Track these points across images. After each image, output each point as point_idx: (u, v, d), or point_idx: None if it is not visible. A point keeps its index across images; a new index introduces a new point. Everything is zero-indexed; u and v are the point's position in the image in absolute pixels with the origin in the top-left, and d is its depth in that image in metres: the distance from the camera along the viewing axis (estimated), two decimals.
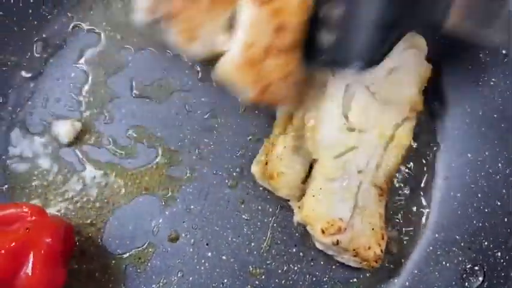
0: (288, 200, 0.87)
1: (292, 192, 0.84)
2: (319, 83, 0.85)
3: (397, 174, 0.92)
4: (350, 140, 0.83)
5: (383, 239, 0.81)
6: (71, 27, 0.96)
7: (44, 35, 0.96)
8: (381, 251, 0.81)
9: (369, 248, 0.80)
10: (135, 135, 0.92)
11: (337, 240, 0.79)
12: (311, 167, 0.84)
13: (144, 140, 0.92)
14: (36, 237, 0.73)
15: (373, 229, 0.81)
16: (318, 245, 0.85)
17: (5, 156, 0.90)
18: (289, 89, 0.80)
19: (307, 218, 0.81)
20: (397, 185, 0.92)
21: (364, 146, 0.83)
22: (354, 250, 0.80)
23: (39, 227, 0.75)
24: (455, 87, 0.92)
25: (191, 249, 0.88)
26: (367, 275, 0.88)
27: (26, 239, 0.73)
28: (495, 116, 0.85)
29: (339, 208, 0.80)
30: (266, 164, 0.84)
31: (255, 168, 0.86)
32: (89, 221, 0.88)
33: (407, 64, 0.88)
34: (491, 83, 0.85)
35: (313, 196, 0.81)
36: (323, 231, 0.79)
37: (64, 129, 0.90)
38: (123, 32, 0.96)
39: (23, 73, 0.94)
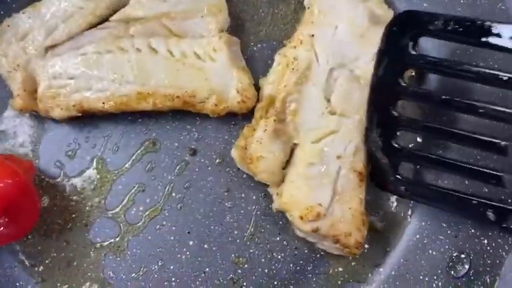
0: (268, 186, 0.85)
1: (272, 177, 0.82)
2: (302, 66, 0.83)
3: None
4: (330, 124, 0.82)
5: (364, 224, 0.80)
6: None
7: None
8: (362, 237, 0.79)
9: (350, 234, 0.78)
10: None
11: (317, 227, 0.77)
12: (292, 153, 0.83)
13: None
14: None
15: (353, 215, 0.79)
16: (298, 233, 0.83)
17: None
18: None
19: (285, 204, 0.79)
20: None
21: (344, 130, 0.82)
22: (334, 237, 0.78)
23: None
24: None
25: (172, 238, 0.86)
26: (353, 264, 0.86)
27: None
28: None
29: (318, 194, 0.78)
30: (246, 148, 0.82)
31: (234, 153, 0.84)
32: (71, 209, 0.87)
33: None
34: None
35: (292, 182, 0.80)
36: (302, 218, 0.77)
37: None
38: None
39: None
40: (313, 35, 0.86)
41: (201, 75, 0.84)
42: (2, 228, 0.75)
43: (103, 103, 0.84)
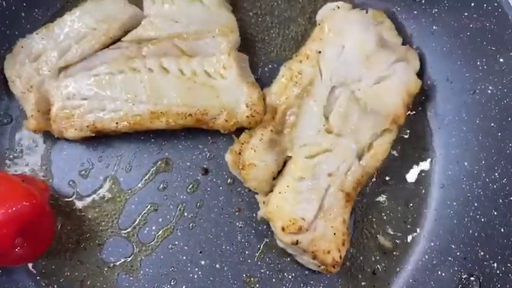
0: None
1: (261, 186, 0.83)
2: (305, 81, 0.85)
3: (393, 181, 0.91)
4: (325, 142, 0.83)
5: (344, 245, 0.81)
6: None
7: None
8: (340, 257, 0.80)
9: (328, 252, 0.79)
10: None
11: (297, 241, 0.79)
12: (285, 165, 0.84)
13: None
14: None
15: (335, 234, 0.80)
16: (279, 243, 0.84)
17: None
18: None
19: (270, 214, 0.81)
20: (392, 192, 0.91)
21: (338, 150, 0.83)
22: (313, 252, 0.79)
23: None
24: (452, 95, 0.91)
25: (184, 257, 0.87)
26: (363, 283, 0.87)
27: None
28: (492, 124, 0.84)
29: (303, 208, 0.80)
30: (240, 153, 0.83)
31: (228, 157, 0.86)
32: (84, 229, 0.88)
33: (396, 76, 0.87)
34: (489, 91, 0.84)
35: (280, 193, 0.81)
36: (283, 229, 0.79)
37: None
38: None
39: None
40: (320, 52, 0.87)
41: (212, 93, 0.86)
42: (18, 248, 0.76)
43: (116, 123, 0.85)
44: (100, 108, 0.86)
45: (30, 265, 0.86)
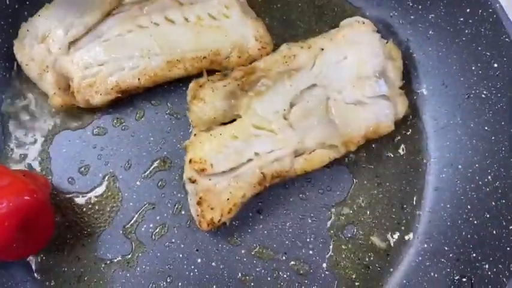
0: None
1: (198, 122, 0.85)
2: (294, 65, 0.88)
3: (388, 183, 0.92)
4: (275, 124, 0.85)
5: (229, 213, 0.82)
6: None
7: None
8: (219, 220, 0.82)
9: (212, 209, 0.82)
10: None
11: (195, 180, 0.82)
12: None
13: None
14: None
15: (228, 199, 0.82)
16: (184, 176, 0.86)
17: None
18: None
19: (190, 144, 0.84)
20: (387, 194, 0.92)
21: (282, 137, 0.85)
22: (201, 199, 0.81)
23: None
24: (447, 100, 0.92)
25: (180, 255, 0.88)
26: (356, 284, 0.88)
27: None
28: (486, 128, 0.85)
29: (219, 159, 0.83)
30: (201, 86, 0.86)
31: (191, 85, 0.87)
32: (82, 225, 0.89)
33: (374, 108, 0.88)
34: (483, 96, 0.86)
35: (211, 135, 0.84)
36: (190, 162, 0.82)
37: None
38: None
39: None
40: (322, 49, 0.89)
41: (220, 33, 0.91)
42: (17, 243, 0.77)
43: (138, 79, 0.89)
44: (119, 68, 0.89)
45: (28, 260, 0.87)
